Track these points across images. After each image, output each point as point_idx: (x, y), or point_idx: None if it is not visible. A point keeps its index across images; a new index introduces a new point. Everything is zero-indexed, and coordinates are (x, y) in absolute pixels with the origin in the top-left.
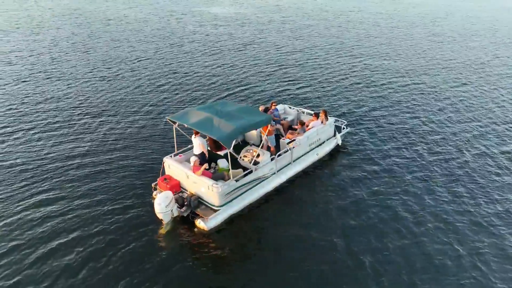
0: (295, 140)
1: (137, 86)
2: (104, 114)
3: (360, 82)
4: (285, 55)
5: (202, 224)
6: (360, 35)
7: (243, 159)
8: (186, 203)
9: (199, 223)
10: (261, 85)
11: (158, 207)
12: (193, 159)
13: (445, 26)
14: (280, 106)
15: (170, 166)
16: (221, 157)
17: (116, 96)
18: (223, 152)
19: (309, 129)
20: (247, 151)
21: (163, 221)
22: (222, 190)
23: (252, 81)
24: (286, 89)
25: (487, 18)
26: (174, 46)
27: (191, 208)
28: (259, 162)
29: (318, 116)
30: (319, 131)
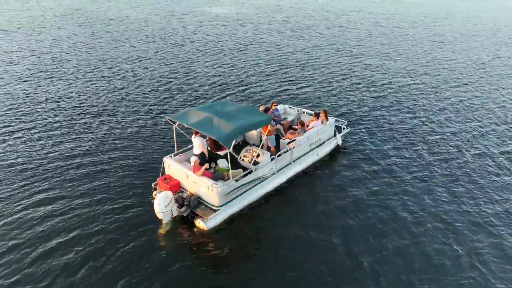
0: (295, 140)
1: (138, 86)
2: (105, 114)
3: (361, 82)
4: (286, 55)
5: (202, 224)
6: (361, 35)
7: (243, 159)
8: (186, 203)
9: (199, 223)
10: (262, 85)
11: (158, 207)
12: (194, 159)
13: (446, 26)
14: (281, 106)
15: (170, 166)
16: (221, 157)
17: (117, 96)
18: (223, 152)
19: (309, 129)
20: (247, 151)
21: (163, 221)
22: (222, 190)
23: (253, 81)
24: (287, 89)
25: (488, 18)
26: (175, 46)
27: (191, 208)
28: (259, 162)
29: (318, 116)
30: (319, 131)
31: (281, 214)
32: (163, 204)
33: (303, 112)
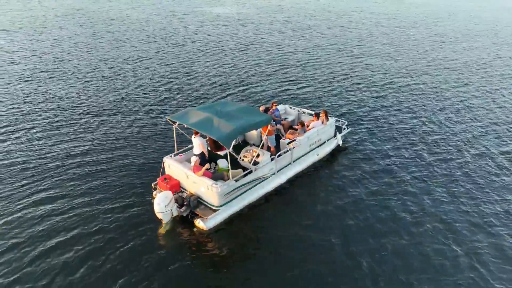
0: (295, 141)
1: (138, 86)
2: (105, 114)
3: (361, 82)
4: (287, 55)
5: (202, 224)
6: (362, 35)
7: (243, 159)
8: (186, 203)
9: (199, 223)
10: (262, 85)
11: (158, 207)
12: (194, 159)
13: (448, 27)
14: (281, 106)
15: (170, 166)
16: (221, 157)
17: (117, 96)
18: (223, 152)
19: (310, 130)
20: (247, 151)
21: (163, 221)
22: (222, 190)
23: (253, 81)
24: (287, 89)
25: (490, 19)
26: (176, 46)
27: (191, 208)
28: (259, 162)
29: (319, 117)
30: (320, 132)
31: (281, 214)
32: (163, 204)
33: (304, 112)
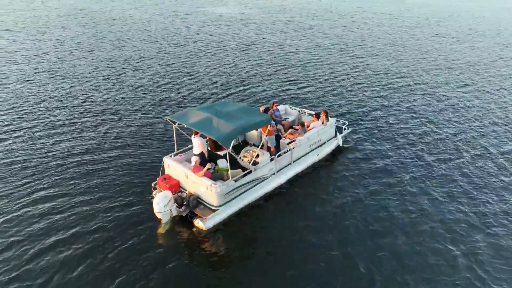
0: (295, 141)
1: (140, 86)
2: (106, 113)
3: (362, 83)
4: (288, 55)
5: (201, 224)
6: (364, 36)
7: (243, 159)
8: (185, 203)
9: (198, 223)
10: (263, 85)
11: (157, 207)
12: (194, 159)
13: (449, 27)
14: (281, 107)
15: (170, 166)
16: (221, 157)
17: (118, 95)
18: (223, 152)
19: (310, 130)
20: (247, 152)
21: (162, 221)
22: (221, 190)
23: (254, 81)
24: (288, 89)
25: (492, 19)
26: (178, 46)
27: (190, 208)
28: (259, 163)
29: (319, 117)
30: (320, 132)
31: (281, 214)
32: (163, 204)
33: (304, 113)
